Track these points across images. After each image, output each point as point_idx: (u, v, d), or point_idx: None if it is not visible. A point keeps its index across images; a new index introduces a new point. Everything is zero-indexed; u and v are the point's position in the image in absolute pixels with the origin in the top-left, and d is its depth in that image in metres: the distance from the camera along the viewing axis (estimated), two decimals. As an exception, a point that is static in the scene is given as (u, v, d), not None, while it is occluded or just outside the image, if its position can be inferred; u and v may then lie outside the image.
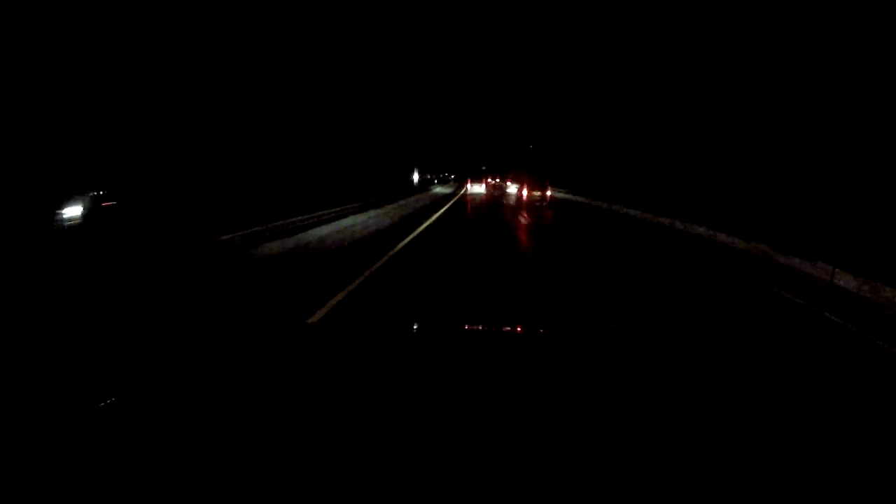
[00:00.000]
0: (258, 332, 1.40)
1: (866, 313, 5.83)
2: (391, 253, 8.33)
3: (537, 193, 23.11)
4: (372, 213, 16.13)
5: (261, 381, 0.93)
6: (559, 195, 30.53)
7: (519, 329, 1.74)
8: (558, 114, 46.21)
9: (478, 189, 35.83)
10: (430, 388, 0.91)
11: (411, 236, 10.58)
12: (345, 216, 14.42)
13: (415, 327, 1.47)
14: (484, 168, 51.01)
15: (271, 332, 1.39)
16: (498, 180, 45.88)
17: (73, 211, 8.27)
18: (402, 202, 22.26)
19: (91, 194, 8.91)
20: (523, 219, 15.67)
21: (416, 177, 40.54)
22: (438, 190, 41.58)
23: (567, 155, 40.68)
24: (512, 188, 33.06)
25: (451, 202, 23.73)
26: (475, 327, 1.64)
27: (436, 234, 11.34)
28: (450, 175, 73.81)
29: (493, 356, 1.13)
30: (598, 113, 32.44)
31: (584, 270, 7.58)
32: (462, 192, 36.36)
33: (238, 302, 5.23)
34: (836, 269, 7.14)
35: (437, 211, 18.00)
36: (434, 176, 60.55)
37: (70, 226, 8.14)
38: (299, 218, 12.12)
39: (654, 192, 19.35)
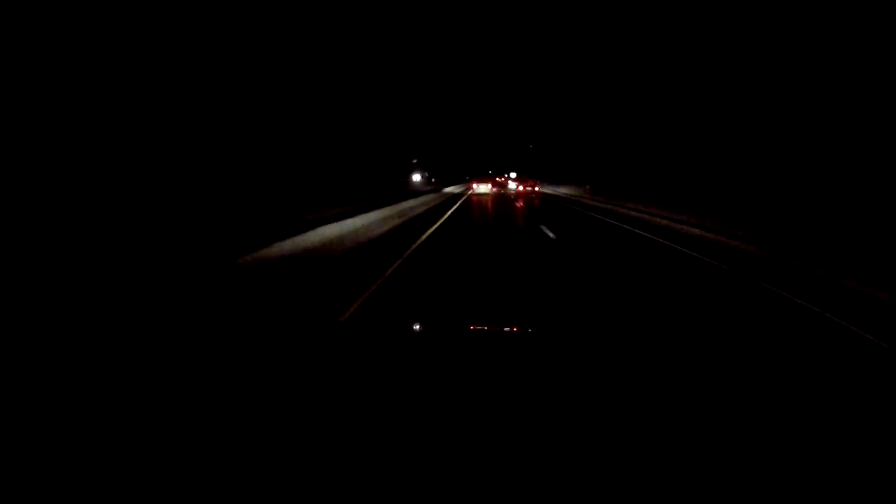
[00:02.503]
0: (291, 327, 1.51)
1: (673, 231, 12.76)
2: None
3: (530, 188, 37.08)
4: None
5: (287, 378, 0.98)
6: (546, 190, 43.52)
7: (522, 329, 1.84)
8: (554, 118, 51.59)
9: (483, 189, 33.51)
10: (443, 387, 0.96)
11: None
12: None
13: (422, 326, 1.64)
14: (490, 172, 51.92)
15: (302, 330, 1.48)
16: (502, 178, 48.44)
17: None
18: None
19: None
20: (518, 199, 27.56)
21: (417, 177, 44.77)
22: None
23: (561, 154, 50.28)
24: (512, 184, 44.15)
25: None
26: (481, 327, 1.77)
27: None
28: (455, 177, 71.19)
29: (499, 356, 1.20)
30: (573, 123, 43.10)
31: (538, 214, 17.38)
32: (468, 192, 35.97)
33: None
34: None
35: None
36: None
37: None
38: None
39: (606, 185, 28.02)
